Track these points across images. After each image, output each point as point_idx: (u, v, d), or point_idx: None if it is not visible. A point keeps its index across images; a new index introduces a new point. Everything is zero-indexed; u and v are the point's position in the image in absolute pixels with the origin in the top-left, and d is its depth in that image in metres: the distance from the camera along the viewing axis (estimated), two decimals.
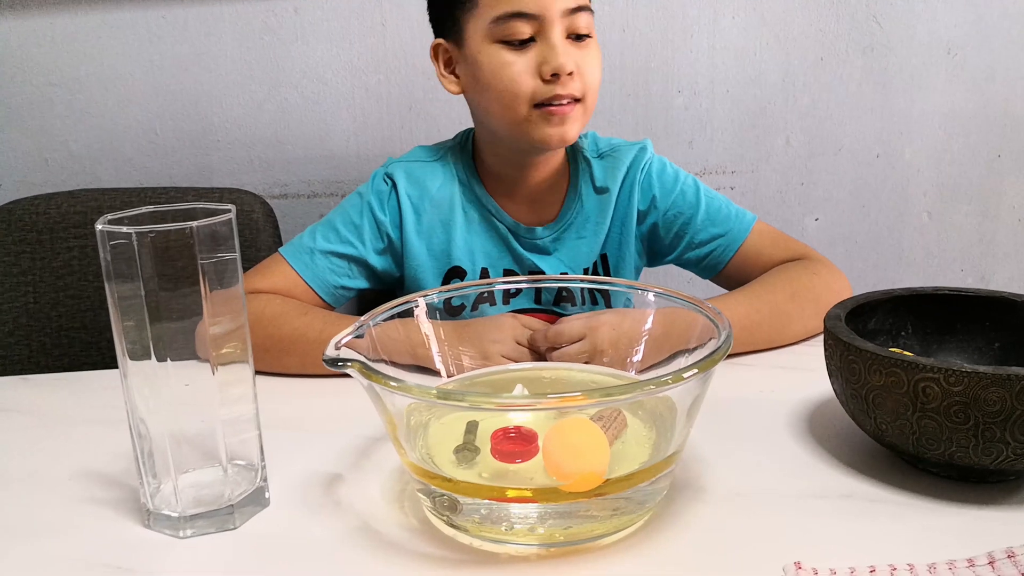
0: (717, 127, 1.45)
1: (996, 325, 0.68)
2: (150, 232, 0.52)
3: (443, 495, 0.52)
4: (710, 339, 0.57)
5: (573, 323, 0.76)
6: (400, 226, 0.99)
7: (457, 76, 0.98)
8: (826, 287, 0.91)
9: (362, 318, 0.61)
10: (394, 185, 0.99)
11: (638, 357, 0.67)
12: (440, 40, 0.98)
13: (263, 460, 0.60)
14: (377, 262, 0.99)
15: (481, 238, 1.01)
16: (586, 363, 0.73)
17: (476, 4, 0.91)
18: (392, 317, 0.63)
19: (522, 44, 0.90)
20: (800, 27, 1.41)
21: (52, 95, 1.34)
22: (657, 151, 1.05)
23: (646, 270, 1.09)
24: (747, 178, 1.47)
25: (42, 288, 1.18)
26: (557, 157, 1.00)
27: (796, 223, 1.49)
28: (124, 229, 0.52)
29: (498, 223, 1.01)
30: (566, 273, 1.01)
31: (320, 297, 0.96)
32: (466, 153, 1.02)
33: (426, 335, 0.67)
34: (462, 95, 0.99)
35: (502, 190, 1.01)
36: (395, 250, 1.00)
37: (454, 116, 1.40)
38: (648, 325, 0.66)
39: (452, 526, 0.54)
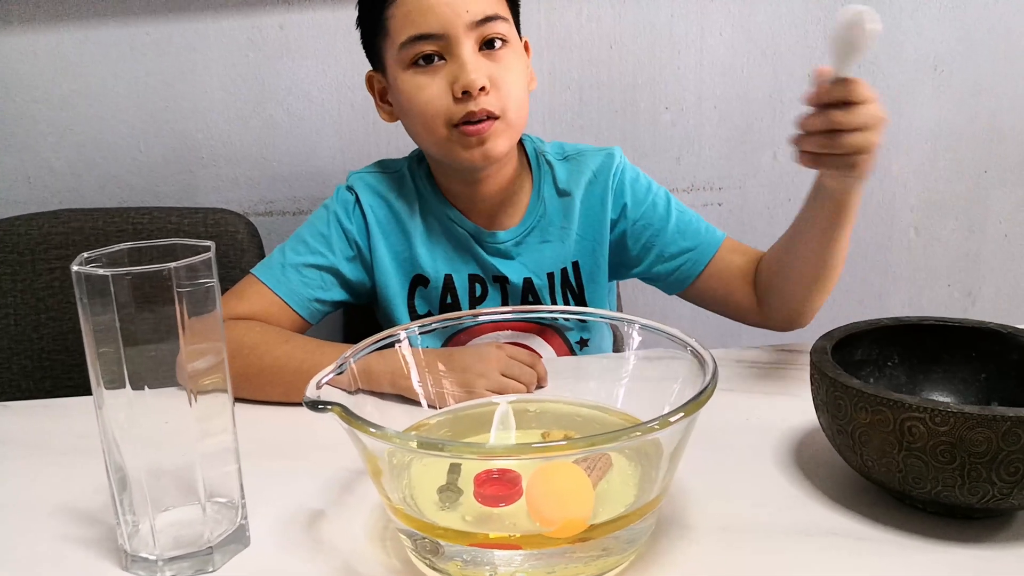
0: (704, 143, 1.45)
1: (982, 356, 0.68)
2: (127, 275, 0.51)
3: (425, 539, 0.52)
4: (699, 368, 0.56)
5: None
6: (367, 235, 0.99)
7: (391, 105, 0.98)
8: None
9: (344, 354, 0.60)
10: (356, 196, 1.00)
11: (623, 390, 0.66)
12: (372, 72, 0.99)
13: (243, 497, 0.59)
14: (348, 271, 0.99)
15: (442, 245, 1.00)
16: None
17: (387, 31, 0.90)
18: (373, 351, 0.62)
19: (432, 65, 0.89)
20: (787, 43, 1.41)
21: (35, 112, 1.33)
22: (644, 168, 1.05)
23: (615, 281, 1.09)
24: (735, 194, 1.47)
25: (23, 311, 1.17)
26: (508, 167, 0.99)
27: None
28: (101, 272, 0.51)
29: (459, 229, 1.00)
30: (530, 278, 1.01)
31: (297, 313, 0.95)
32: (423, 166, 1.02)
33: (409, 365, 0.66)
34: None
35: (460, 201, 1.01)
36: (364, 259, 1.00)
37: None
38: (633, 362, 0.65)
39: (435, 569, 0.53)
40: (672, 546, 0.56)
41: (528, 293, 1.00)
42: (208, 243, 0.56)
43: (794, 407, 0.76)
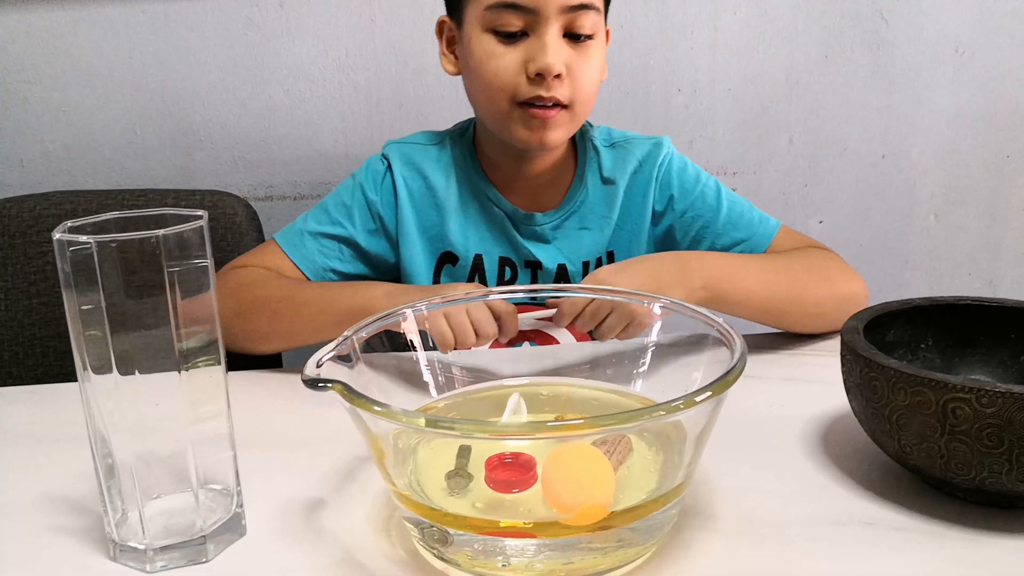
0: (718, 127, 1.43)
1: (1021, 337, 0.65)
2: (112, 241, 0.48)
3: (432, 527, 0.48)
4: (723, 349, 0.53)
5: (575, 298, 0.73)
6: (394, 206, 0.97)
7: (456, 57, 0.95)
8: (840, 273, 0.88)
9: (346, 332, 0.56)
10: (389, 166, 0.98)
11: (643, 369, 0.63)
12: (446, 17, 0.95)
13: (239, 484, 0.56)
14: (368, 244, 0.97)
15: (476, 223, 0.98)
16: (631, 336, 0.69)
17: None
18: (376, 329, 0.59)
19: (513, 37, 0.86)
20: (804, 24, 1.38)
21: (27, 93, 1.30)
22: None
23: None
24: (749, 179, 1.45)
25: (14, 295, 1.14)
26: (559, 149, 0.97)
27: (799, 225, 1.46)
28: (83, 239, 0.47)
29: (496, 209, 0.98)
30: (564, 265, 0.98)
31: (308, 280, 0.94)
32: (466, 139, 1.00)
33: (413, 347, 0.63)
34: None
35: (501, 178, 0.98)
36: (388, 232, 0.98)
37: (446, 115, 1.36)
38: (654, 337, 0.62)
39: (443, 560, 0.50)
40: (695, 538, 0.53)
41: (560, 280, 0.98)
42: (200, 212, 0.52)
43: (821, 393, 0.73)
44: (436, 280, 0.99)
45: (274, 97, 1.33)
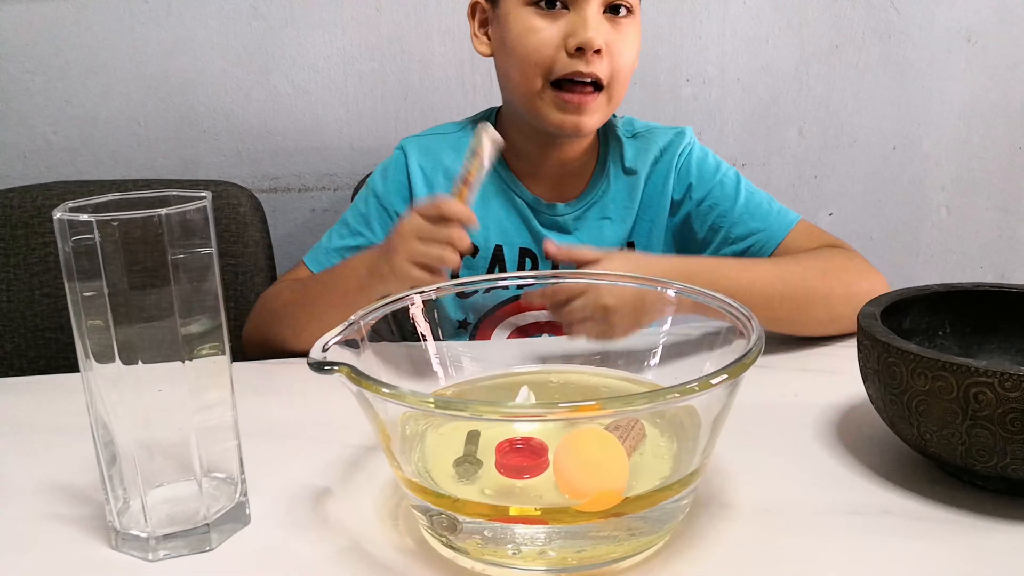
0: (727, 118, 1.41)
1: None
2: (114, 220, 0.46)
3: (441, 514, 0.47)
4: (737, 341, 0.52)
5: (572, 284, 0.70)
6: (408, 198, 0.97)
7: (489, 38, 0.94)
8: (860, 276, 0.85)
9: (352, 317, 0.55)
10: (405, 158, 0.98)
11: (655, 360, 0.61)
12: None
13: (243, 472, 0.55)
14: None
15: (497, 213, 0.97)
16: (599, 335, 0.67)
17: None
18: (384, 314, 0.58)
19: (554, 11, 0.85)
20: (814, 13, 1.37)
21: (30, 83, 1.29)
22: None
23: None
24: (758, 171, 1.43)
25: (16, 286, 1.13)
26: (584, 140, 0.96)
27: (809, 218, 1.42)
28: (84, 217, 0.46)
29: (516, 197, 0.97)
30: None
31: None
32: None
33: (422, 334, 0.62)
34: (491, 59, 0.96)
35: (524, 167, 0.98)
36: None
37: (452, 105, 1.35)
38: (667, 325, 0.60)
39: (452, 548, 0.49)
40: (709, 526, 0.52)
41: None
42: (203, 193, 0.51)
43: (836, 382, 0.72)
44: (455, 275, 0.97)
45: (278, 88, 1.32)
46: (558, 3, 0.85)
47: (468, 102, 1.35)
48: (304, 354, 0.72)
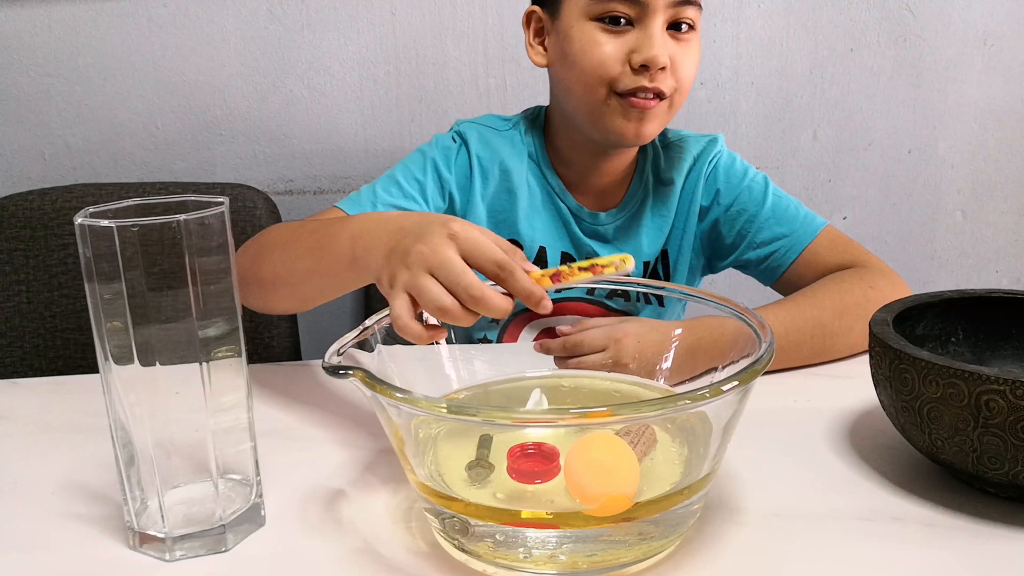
0: (741, 121, 1.41)
1: None
2: (134, 226, 0.47)
3: (453, 517, 0.47)
4: (749, 350, 0.52)
5: (594, 333, 0.70)
6: (468, 187, 0.95)
7: (545, 48, 0.93)
8: (882, 303, 0.84)
9: (366, 321, 0.56)
10: (464, 144, 0.96)
11: (667, 365, 0.61)
12: (535, 8, 0.93)
13: (258, 474, 0.55)
14: None
15: (542, 216, 0.97)
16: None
17: None
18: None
19: (618, 27, 0.85)
20: (829, 16, 1.36)
21: (49, 86, 1.30)
22: None
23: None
24: (772, 174, 1.38)
25: (36, 287, 1.14)
26: (631, 152, 0.96)
27: None
28: (105, 223, 0.47)
29: (561, 204, 0.97)
30: None
31: None
32: (537, 128, 0.99)
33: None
34: (545, 69, 0.95)
35: (571, 176, 0.97)
36: (455, 213, 0.96)
37: (466, 109, 1.35)
38: (679, 331, 0.61)
39: (463, 551, 0.49)
40: (720, 532, 0.52)
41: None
42: (221, 198, 0.52)
43: (847, 388, 0.72)
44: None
45: (294, 91, 1.33)
46: (622, 20, 0.84)
47: (482, 105, 1.36)
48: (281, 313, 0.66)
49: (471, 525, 0.47)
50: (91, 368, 0.54)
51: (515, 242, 0.96)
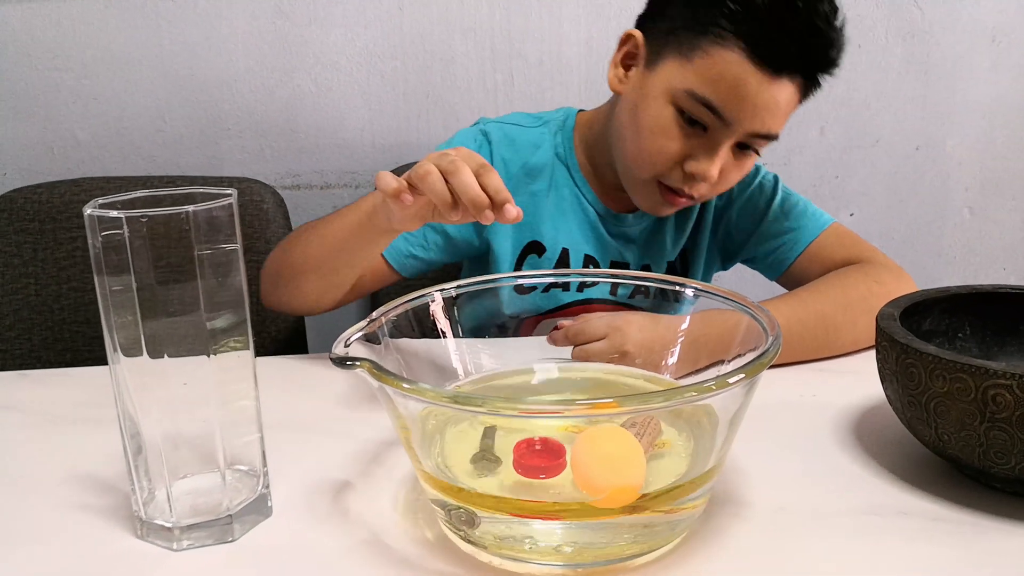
0: None
1: None
2: (143, 216, 0.48)
3: (459, 508, 0.48)
4: (755, 344, 0.52)
5: (595, 322, 0.71)
6: None
7: (627, 77, 0.90)
8: (884, 300, 0.84)
9: (373, 313, 0.56)
10: (488, 142, 0.96)
11: (673, 360, 0.62)
12: (636, 35, 0.89)
13: (265, 465, 0.56)
14: (455, 229, 0.93)
15: (567, 217, 0.97)
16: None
17: (690, 58, 0.82)
18: (405, 310, 0.58)
19: (693, 128, 0.84)
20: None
21: (58, 80, 1.30)
22: None
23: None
24: (779, 170, 1.39)
25: (44, 280, 1.15)
26: None
27: None
28: (114, 214, 0.47)
29: (588, 206, 0.97)
30: (648, 265, 0.99)
31: (389, 264, 0.92)
32: (566, 130, 0.98)
33: (442, 331, 0.62)
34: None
35: (599, 181, 0.98)
36: None
37: (474, 105, 1.35)
38: (685, 325, 0.61)
39: (469, 542, 0.49)
40: (725, 526, 0.52)
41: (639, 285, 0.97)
42: (229, 190, 0.52)
43: (853, 383, 0.72)
44: (518, 268, 0.96)
45: (302, 86, 1.33)
46: (698, 124, 0.83)
47: (490, 101, 1.36)
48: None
49: (477, 516, 0.47)
50: (99, 361, 0.54)
51: (537, 244, 0.96)
